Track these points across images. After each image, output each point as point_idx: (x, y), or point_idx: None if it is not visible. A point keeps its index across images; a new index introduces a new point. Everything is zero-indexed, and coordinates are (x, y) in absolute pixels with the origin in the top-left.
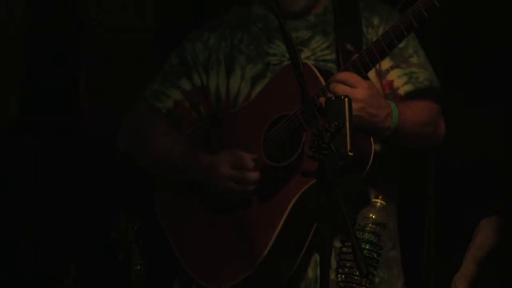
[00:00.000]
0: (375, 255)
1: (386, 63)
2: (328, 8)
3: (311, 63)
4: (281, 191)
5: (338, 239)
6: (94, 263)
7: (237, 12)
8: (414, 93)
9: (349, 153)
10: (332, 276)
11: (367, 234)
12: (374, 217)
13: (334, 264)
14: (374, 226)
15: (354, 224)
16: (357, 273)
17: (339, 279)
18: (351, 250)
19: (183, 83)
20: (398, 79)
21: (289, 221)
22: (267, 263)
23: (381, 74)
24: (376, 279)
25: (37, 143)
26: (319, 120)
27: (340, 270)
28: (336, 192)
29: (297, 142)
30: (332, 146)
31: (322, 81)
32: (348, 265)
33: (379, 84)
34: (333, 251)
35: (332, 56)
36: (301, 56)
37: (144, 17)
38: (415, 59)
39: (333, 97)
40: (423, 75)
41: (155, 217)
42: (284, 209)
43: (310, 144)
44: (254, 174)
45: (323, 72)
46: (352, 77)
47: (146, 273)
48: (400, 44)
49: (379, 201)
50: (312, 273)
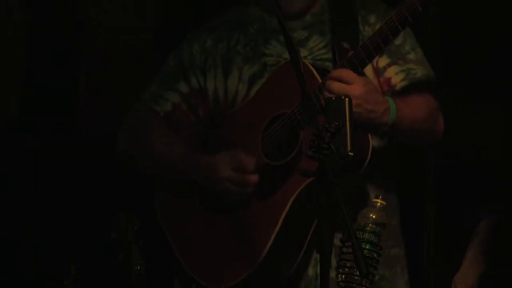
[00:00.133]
0: (375, 255)
1: (383, 61)
2: (325, 7)
3: (308, 62)
4: (280, 189)
5: (338, 238)
6: (94, 263)
7: (236, 12)
8: (412, 90)
9: (349, 153)
10: (332, 275)
11: (367, 234)
12: (374, 217)
13: (334, 262)
14: (374, 226)
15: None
16: (357, 273)
17: (339, 279)
18: (351, 250)
19: (181, 85)
20: (395, 76)
21: (288, 219)
22: (267, 262)
23: (378, 72)
24: (376, 277)
25: (37, 143)
26: (317, 118)
27: (340, 270)
28: (336, 192)
29: (294, 141)
30: (332, 146)
31: (319, 79)
32: (348, 265)
33: (376, 82)
34: (333, 250)
35: (329, 55)
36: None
37: (144, 17)
38: (412, 56)
39: (333, 97)
40: (420, 71)
41: (155, 217)
42: (283, 207)
43: (310, 144)
44: (253, 177)
45: (320, 71)
46: (347, 74)
47: (146, 273)
48: (397, 41)
49: (379, 201)
50: (312, 271)
